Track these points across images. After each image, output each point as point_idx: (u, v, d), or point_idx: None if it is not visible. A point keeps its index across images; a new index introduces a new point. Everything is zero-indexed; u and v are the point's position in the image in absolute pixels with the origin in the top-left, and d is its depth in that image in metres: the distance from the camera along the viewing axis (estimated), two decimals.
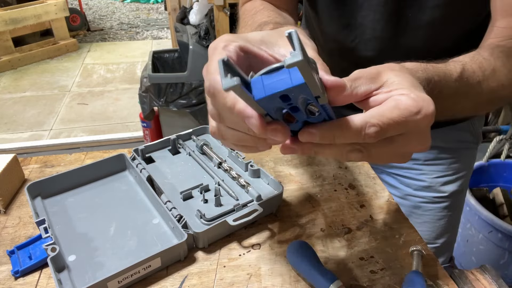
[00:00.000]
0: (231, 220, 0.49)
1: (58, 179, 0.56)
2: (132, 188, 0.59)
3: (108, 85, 3.36)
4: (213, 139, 0.68)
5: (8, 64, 3.56)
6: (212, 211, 0.52)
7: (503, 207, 1.56)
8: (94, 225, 0.52)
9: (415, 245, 0.47)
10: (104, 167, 0.60)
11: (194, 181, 0.58)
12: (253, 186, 0.55)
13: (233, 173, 0.59)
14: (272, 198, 0.54)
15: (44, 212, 0.53)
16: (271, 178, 0.57)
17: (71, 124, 2.75)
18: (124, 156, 0.61)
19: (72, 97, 3.17)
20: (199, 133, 0.69)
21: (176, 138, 0.66)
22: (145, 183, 0.56)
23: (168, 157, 0.64)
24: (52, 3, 3.74)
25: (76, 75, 3.55)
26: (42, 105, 3.03)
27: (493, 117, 2.11)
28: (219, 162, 0.61)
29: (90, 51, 4.09)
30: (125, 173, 0.61)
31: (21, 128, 2.71)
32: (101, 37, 4.51)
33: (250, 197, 0.55)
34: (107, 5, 5.62)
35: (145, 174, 0.57)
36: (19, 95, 3.18)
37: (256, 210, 0.51)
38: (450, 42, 0.62)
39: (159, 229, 0.52)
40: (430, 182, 0.75)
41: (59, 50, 3.94)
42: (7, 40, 3.51)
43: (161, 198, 0.53)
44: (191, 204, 0.54)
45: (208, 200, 0.54)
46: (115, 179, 0.60)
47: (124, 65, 3.75)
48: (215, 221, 0.50)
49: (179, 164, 0.62)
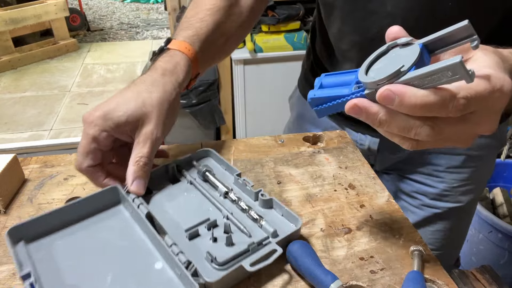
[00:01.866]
0: (247, 264, 0.43)
1: (44, 220, 0.48)
2: (128, 225, 0.50)
3: (108, 85, 3.36)
4: (216, 164, 0.60)
5: (8, 64, 3.56)
6: (224, 253, 0.45)
7: (503, 207, 1.56)
8: (87, 274, 0.44)
9: (415, 245, 0.47)
10: (95, 203, 0.52)
11: (199, 215, 0.51)
12: (266, 220, 0.49)
13: (242, 205, 0.51)
14: (291, 235, 0.47)
15: (29, 261, 0.44)
16: (286, 209, 0.50)
17: (71, 124, 2.75)
18: (118, 189, 0.52)
19: (72, 97, 3.17)
20: (199, 157, 0.61)
21: (175, 165, 0.58)
22: (145, 221, 0.48)
23: (167, 186, 0.56)
24: (52, 3, 3.74)
25: (76, 75, 3.55)
26: (42, 105, 3.03)
27: None
28: (226, 191, 0.54)
29: (90, 51, 4.09)
30: (119, 208, 0.53)
31: (21, 128, 2.71)
32: (101, 37, 4.52)
33: (264, 232, 0.48)
34: (107, 5, 5.62)
35: (144, 211, 0.49)
36: (19, 95, 3.18)
37: (274, 251, 0.45)
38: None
39: (163, 275, 0.44)
40: (449, 191, 0.71)
41: (59, 50, 3.94)
42: (7, 40, 3.51)
43: (165, 240, 0.46)
44: (199, 244, 0.47)
45: (217, 239, 0.47)
46: (108, 216, 0.52)
47: (124, 65, 3.75)
48: (229, 266, 0.43)
49: (180, 195, 0.55)
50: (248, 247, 0.45)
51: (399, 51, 0.38)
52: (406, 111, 0.33)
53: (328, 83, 0.42)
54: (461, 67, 0.31)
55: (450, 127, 0.34)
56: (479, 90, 0.33)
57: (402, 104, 0.33)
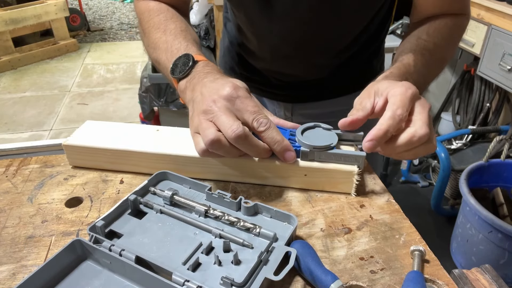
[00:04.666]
0: (271, 274, 0.41)
1: None
2: (111, 280, 0.43)
3: (108, 85, 3.37)
4: (177, 185, 0.56)
5: (8, 64, 3.57)
6: (237, 273, 0.42)
7: (503, 207, 1.56)
8: None
9: (415, 245, 0.47)
10: (56, 267, 0.43)
11: (188, 243, 0.46)
12: (259, 226, 0.47)
13: (230, 218, 0.48)
14: (292, 234, 0.46)
15: None
16: (274, 210, 0.49)
17: (71, 124, 2.75)
18: (81, 243, 0.44)
19: (72, 97, 3.18)
20: (156, 181, 0.55)
21: (136, 197, 0.51)
22: (136, 268, 0.41)
23: (135, 223, 0.49)
24: (52, 3, 3.74)
25: (76, 75, 3.55)
26: (42, 105, 3.03)
27: (493, 117, 2.11)
28: (205, 209, 0.49)
29: (90, 51, 4.09)
30: (84, 265, 0.44)
31: (21, 128, 2.71)
32: (101, 37, 4.52)
33: (264, 239, 0.46)
34: (107, 5, 5.62)
35: (130, 256, 0.42)
36: (19, 95, 3.18)
37: (289, 252, 0.43)
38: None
39: None
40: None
41: (59, 50, 3.94)
42: (7, 40, 3.52)
43: (174, 280, 0.40)
44: (205, 273, 0.43)
45: (222, 261, 0.43)
46: (74, 279, 0.43)
47: (124, 65, 3.76)
48: (251, 283, 0.41)
49: (155, 228, 0.48)
50: (259, 258, 0.43)
51: (322, 131, 0.58)
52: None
53: None
54: (363, 159, 0.54)
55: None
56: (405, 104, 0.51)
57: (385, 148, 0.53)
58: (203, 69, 0.59)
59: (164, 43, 0.65)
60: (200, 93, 0.54)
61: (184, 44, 0.63)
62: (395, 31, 2.19)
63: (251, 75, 0.86)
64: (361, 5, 0.70)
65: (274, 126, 0.53)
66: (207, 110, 0.51)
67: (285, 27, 0.72)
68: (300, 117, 0.90)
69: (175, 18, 0.70)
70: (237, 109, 0.52)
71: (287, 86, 0.84)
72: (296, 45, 0.75)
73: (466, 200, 1.46)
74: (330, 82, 0.83)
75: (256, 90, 0.87)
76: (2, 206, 0.56)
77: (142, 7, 0.74)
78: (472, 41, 1.81)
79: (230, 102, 0.51)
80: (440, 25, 0.69)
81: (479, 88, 2.11)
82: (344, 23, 0.72)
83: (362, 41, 0.78)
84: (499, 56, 1.67)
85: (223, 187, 0.59)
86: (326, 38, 0.74)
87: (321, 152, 0.54)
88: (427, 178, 2.24)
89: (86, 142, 0.61)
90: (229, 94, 0.51)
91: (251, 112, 0.51)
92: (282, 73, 0.82)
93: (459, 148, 2.03)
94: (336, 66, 0.80)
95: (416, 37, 0.68)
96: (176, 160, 0.57)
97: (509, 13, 1.60)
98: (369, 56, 0.83)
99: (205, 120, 0.51)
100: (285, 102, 0.88)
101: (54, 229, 0.52)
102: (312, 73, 0.81)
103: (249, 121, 0.51)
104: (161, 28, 0.67)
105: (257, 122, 0.51)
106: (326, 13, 0.69)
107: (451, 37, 0.70)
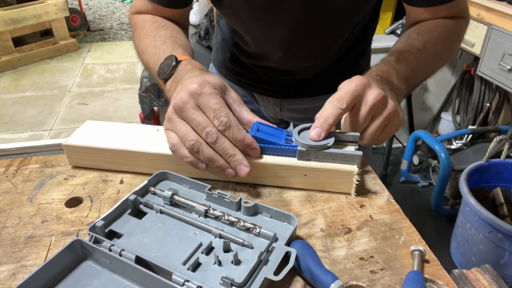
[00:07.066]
0: (271, 274, 0.41)
1: None
2: (111, 279, 0.43)
3: (108, 85, 3.37)
4: (179, 186, 0.56)
5: (8, 64, 3.57)
6: (237, 273, 0.42)
7: (503, 207, 1.56)
8: None
9: (415, 245, 0.47)
10: (55, 267, 0.43)
11: (188, 243, 0.46)
12: (259, 226, 0.47)
13: (230, 218, 0.48)
14: (292, 234, 0.46)
15: None
16: (274, 210, 0.49)
17: (71, 124, 2.75)
18: (81, 243, 0.44)
19: (72, 97, 3.18)
20: (156, 181, 0.56)
21: (136, 197, 0.51)
22: (136, 268, 0.42)
23: (135, 223, 0.49)
24: (52, 3, 3.74)
25: (76, 75, 3.55)
26: (42, 105, 3.03)
27: (493, 117, 2.11)
28: (205, 209, 0.50)
29: (90, 51, 4.09)
30: (84, 265, 0.45)
31: (21, 128, 2.71)
32: (101, 37, 4.52)
33: (264, 239, 0.46)
34: (107, 5, 5.62)
35: (130, 256, 0.43)
36: (19, 95, 3.18)
37: (289, 252, 0.43)
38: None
39: None
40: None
41: (59, 50, 3.94)
42: (7, 40, 3.52)
43: (174, 280, 0.41)
44: (205, 273, 0.43)
45: (222, 261, 0.44)
46: (74, 279, 0.43)
47: (124, 65, 3.76)
48: (251, 283, 0.41)
49: (155, 228, 0.49)
50: (259, 258, 0.43)
51: None
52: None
53: (263, 129, 0.57)
54: (360, 158, 0.55)
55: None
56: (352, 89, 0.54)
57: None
58: (185, 67, 0.60)
59: (153, 48, 0.68)
60: (175, 89, 0.56)
61: (171, 47, 0.66)
62: (395, 31, 2.18)
63: (242, 70, 0.90)
64: (348, 13, 0.73)
65: (236, 124, 0.53)
66: (169, 117, 0.54)
67: (276, 35, 0.75)
68: (288, 111, 0.95)
69: (167, 26, 0.73)
70: (200, 105, 0.53)
71: (276, 83, 0.89)
72: (286, 50, 0.78)
73: (466, 200, 1.45)
74: (318, 80, 0.87)
75: (246, 85, 0.93)
76: (2, 206, 0.56)
77: (138, 18, 0.77)
78: (472, 41, 1.81)
79: (193, 99, 0.53)
80: (431, 25, 0.72)
81: (479, 88, 2.11)
82: (332, 29, 0.76)
83: (349, 43, 0.82)
84: (499, 56, 1.67)
85: (223, 187, 0.59)
86: (315, 44, 0.78)
87: (317, 152, 0.55)
88: (427, 178, 2.24)
89: (86, 142, 0.61)
90: (193, 90, 0.53)
91: (212, 110, 0.52)
92: (272, 72, 0.87)
93: (459, 148, 2.03)
94: (324, 67, 0.85)
95: (406, 37, 0.72)
96: (176, 160, 0.57)
97: (509, 13, 1.59)
98: (356, 56, 0.88)
99: (167, 125, 0.55)
100: (274, 97, 0.92)
101: (54, 229, 0.52)
102: (301, 73, 0.86)
103: (210, 118, 0.52)
104: (152, 34, 0.71)
105: (218, 120, 0.52)
106: (314, 24, 0.73)
107: (443, 36, 0.72)
